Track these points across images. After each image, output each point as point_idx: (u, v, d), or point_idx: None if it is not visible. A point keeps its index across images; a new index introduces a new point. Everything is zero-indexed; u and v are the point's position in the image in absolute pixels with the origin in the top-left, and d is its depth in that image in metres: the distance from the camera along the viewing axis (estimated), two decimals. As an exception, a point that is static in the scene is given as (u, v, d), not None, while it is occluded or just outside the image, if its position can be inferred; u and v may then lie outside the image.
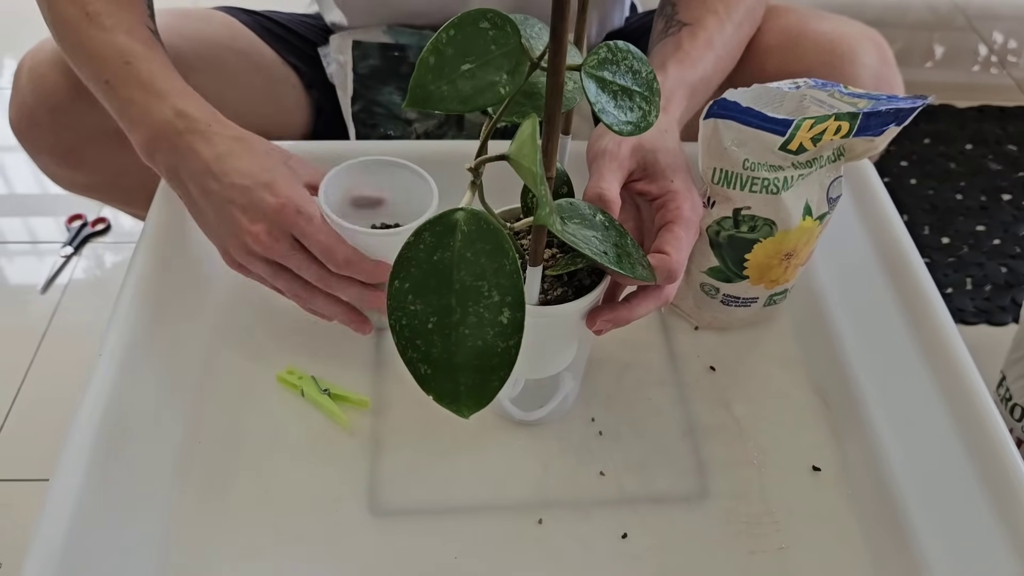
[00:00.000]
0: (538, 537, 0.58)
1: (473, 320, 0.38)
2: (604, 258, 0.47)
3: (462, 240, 0.38)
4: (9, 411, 1.05)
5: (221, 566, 0.56)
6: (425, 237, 0.38)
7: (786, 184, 0.60)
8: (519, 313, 0.38)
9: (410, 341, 0.39)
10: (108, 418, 0.57)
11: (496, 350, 0.39)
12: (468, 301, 0.38)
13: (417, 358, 0.39)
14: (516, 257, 0.38)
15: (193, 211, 0.63)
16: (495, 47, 0.38)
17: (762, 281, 0.66)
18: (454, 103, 0.39)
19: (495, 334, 0.38)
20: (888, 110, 0.58)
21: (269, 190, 0.58)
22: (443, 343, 0.39)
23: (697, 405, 0.66)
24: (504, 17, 0.38)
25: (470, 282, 0.38)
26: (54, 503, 0.52)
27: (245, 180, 0.59)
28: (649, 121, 0.44)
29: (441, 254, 0.38)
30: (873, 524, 0.59)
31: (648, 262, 0.51)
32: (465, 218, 0.38)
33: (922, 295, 0.65)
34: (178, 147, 0.60)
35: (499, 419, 0.64)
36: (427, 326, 0.39)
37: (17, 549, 0.92)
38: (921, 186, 1.43)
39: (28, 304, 1.21)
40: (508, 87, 0.39)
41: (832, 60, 0.73)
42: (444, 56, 0.38)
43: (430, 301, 0.38)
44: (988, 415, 0.56)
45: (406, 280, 0.38)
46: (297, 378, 0.66)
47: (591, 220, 0.49)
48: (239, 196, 0.59)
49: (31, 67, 0.75)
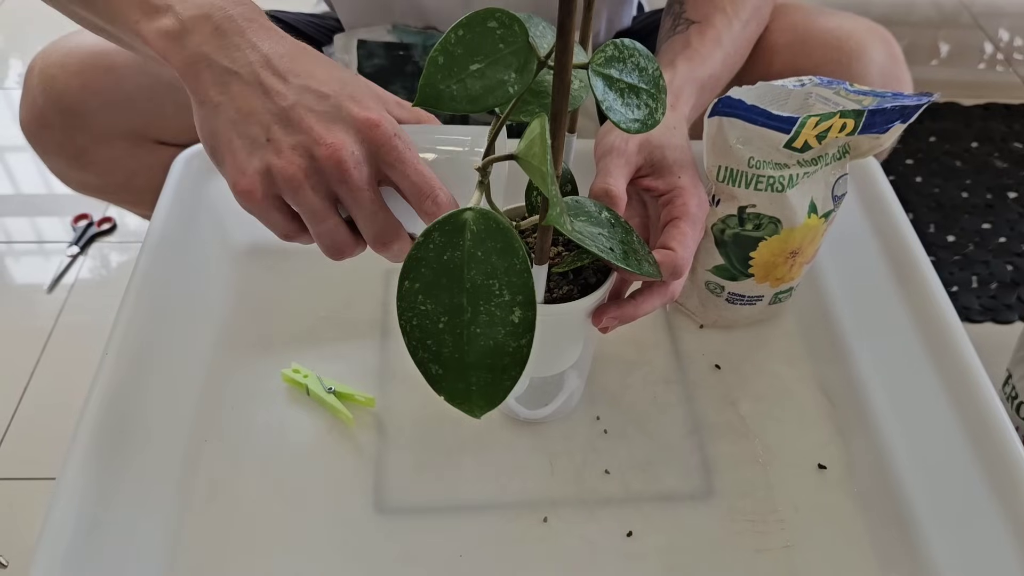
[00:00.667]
0: (543, 535, 0.58)
1: (484, 319, 0.38)
2: (611, 255, 0.47)
3: (472, 239, 0.38)
4: (16, 410, 1.06)
5: (227, 564, 0.56)
6: (435, 237, 0.38)
7: (791, 182, 0.60)
8: (530, 312, 0.38)
9: (421, 342, 0.39)
10: (114, 417, 0.57)
11: (508, 349, 0.39)
12: (479, 300, 0.38)
13: (428, 358, 0.39)
14: (526, 256, 0.38)
15: (212, 115, 0.48)
16: (503, 46, 0.39)
17: (767, 279, 0.66)
18: (464, 102, 0.39)
19: (506, 333, 0.38)
20: (893, 107, 0.58)
21: (356, 103, 0.47)
22: (454, 343, 0.39)
23: (702, 403, 0.66)
24: (512, 16, 0.38)
25: (481, 281, 0.38)
26: (61, 502, 0.52)
27: (324, 87, 0.47)
28: (656, 119, 0.44)
29: (451, 254, 0.38)
30: (879, 522, 0.59)
31: (654, 259, 0.51)
32: (474, 218, 0.38)
33: (928, 293, 0.64)
34: (226, 32, 0.47)
35: (504, 418, 0.64)
36: (438, 326, 0.39)
37: (24, 549, 0.92)
38: (927, 184, 1.43)
39: (34, 303, 1.21)
40: (517, 85, 0.39)
41: (840, 57, 0.73)
42: (453, 56, 0.38)
43: (441, 301, 0.38)
44: (994, 413, 0.56)
45: (416, 280, 0.38)
46: (303, 376, 0.66)
47: (597, 217, 0.49)
48: (315, 102, 0.47)
49: (42, 68, 0.75)
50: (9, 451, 1.01)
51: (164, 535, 0.57)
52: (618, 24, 0.92)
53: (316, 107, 0.47)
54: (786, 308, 0.71)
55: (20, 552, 0.92)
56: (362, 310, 0.71)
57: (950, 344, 0.61)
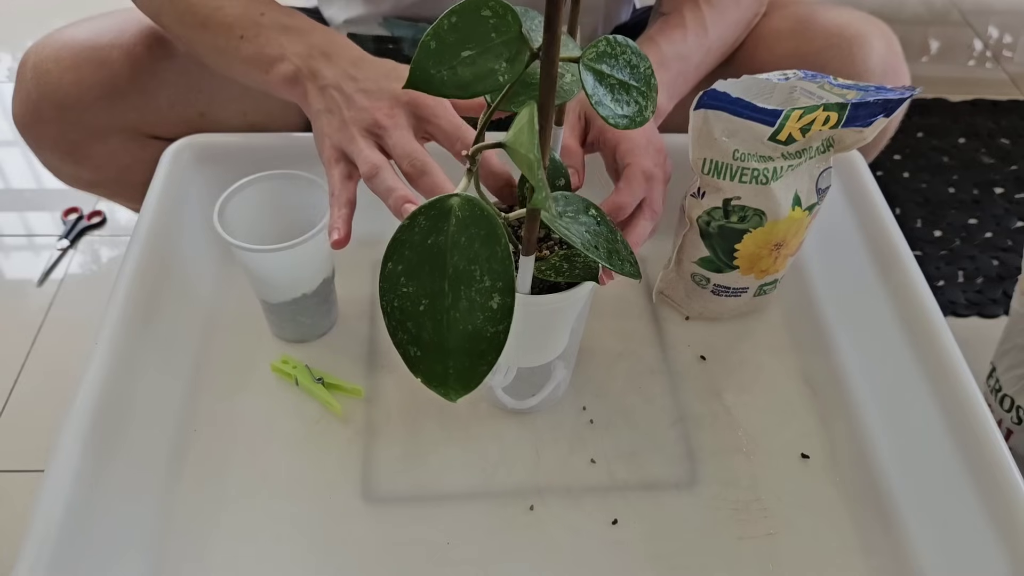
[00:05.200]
0: (529, 523, 0.58)
1: (464, 304, 0.39)
2: (595, 252, 0.47)
3: (456, 225, 0.38)
4: (5, 403, 1.06)
5: (216, 553, 0.57)
6: (420, 221, 0.38)
7: (776, 175, 0.61)
8: (509, 299, 0.39)
9: (400, 323, 0.39)
10: (103, 407, 0.58)
11: (485, 335, 0.39)
12: (460, 285, 0.39)
13: (407, 340, 0.40)
14: (508, 244, 0.38)
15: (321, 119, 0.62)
16: (496, 35, 0.39)
17: (752, 271, 0.67)
18: (453, 88, 0.39)
19: (485, 319, 0.39)
20: (876, 101, 0.58)
21: (399, 83, 0.60)
22: (434, 326, 0.39)
23: (687, 394, 0.67)
24: (505, 6, 0.39)
25: (463, 266, 0.38)
26: (49, 493, 0.52)
27: (376, 83, 0.61)
28: (645, 116, 0.44)
29: (435, 238, 0.38)
30: (860, 510, 0.59)
31: (635, 259, 0.51)
32: (460, 204, 0.38)
33: (910, 286, 0.65)
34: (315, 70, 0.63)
35: (491, 407, 0.65)
36: (419, 308, 0.39)
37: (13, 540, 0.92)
38: (914, 179, 1.43)
39: (24, 297, 1.21)
40: (507, 75, 0.40)
41: (841, 43, 0.72)
42: (445, 42, 0.38)
43: (423, 284, 0.39)
44: (973, 403, 0.56)
45: (399, 262, 0.39)
46: (291, 367, 0.66)
47: (584, 215, 0.49)
48: (371, 85, 0.61)
49: (36, 63, 0.75)
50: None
51: (153, 524, 0.57)
52: (616, 19, 0.92)
53: (371, 88, 0.60)
54: (771, 300, 0.72)
55: (11, 543, 0.92)
56: (351, 301, 0.72)
57: (931, 336, 0.62)
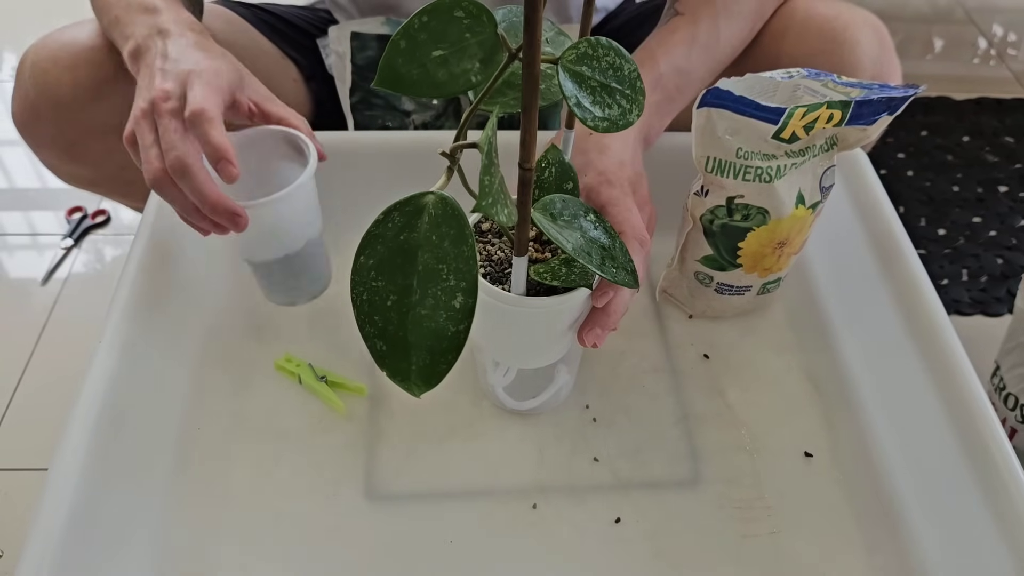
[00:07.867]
0: (533, 522, 0.58)
1: (431, 302, 0.40)
2: (587, 259, 0.46)
3: (429, 223, 0.39)
4: (10, 402, 1.06)
5: (219, 552, 0.57)
6: (394, 217, 0.39)
7: (779, 173, 0.61)
8: (471, 299, 0.39)
9: (369, 316, 0.40)
10: (107, 406, 0.58)
11: (447, 333, 0.40)
12: (428, 283, 0.39)
13: (374, 333, 0.40)
14: (475, 244, 0.39)
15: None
16: (469, 35, 0.38)
17: (755, 269, 0.67)
18: (426, 87, 0.39)
19: (447, 317, 0.40)
20: (880, 99, 0.58)
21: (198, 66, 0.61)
22: (400, 321, 0.40)
23: (691, 392, 0.67)
24: (480, 7, 0.38)
25: (432, 264, 0.39)
26: (53, 491, 0.53)
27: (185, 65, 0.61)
28: (629, 120, 0.43)
29: (408, 235, 0.39)
30: (864, 509, 0.59)
31: (633, 267, 0.50)
32: (434, 202, 0.39)
33: (914, 284, 0.65)
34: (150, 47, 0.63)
35: (494, 406, 0.65)
36: (387, 303, 0.40)
37: (18, 538, 0.93)
38: (918, 178, 1.43)
39: (28, 296, 1.22)
40: (480, 76, 0.39)
41: (833, 48, 0.73)
42: (416, 40, 0.38)
43: (393, 279, 0.39)
44: (976, 401, 0.56)
45: (371, 256, 0.39)
46: (295, 365, 0.66)
47: (581, 219, 0.49)
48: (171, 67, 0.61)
49: (34, 62, 0.75)
50: (4, 442, 1.02)
51: (156, 522, 0.57)
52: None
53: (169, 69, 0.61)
54: (774, 298, 0.72)
55: (16, 541, 0.93)
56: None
57: (935, 334, 0.62)
